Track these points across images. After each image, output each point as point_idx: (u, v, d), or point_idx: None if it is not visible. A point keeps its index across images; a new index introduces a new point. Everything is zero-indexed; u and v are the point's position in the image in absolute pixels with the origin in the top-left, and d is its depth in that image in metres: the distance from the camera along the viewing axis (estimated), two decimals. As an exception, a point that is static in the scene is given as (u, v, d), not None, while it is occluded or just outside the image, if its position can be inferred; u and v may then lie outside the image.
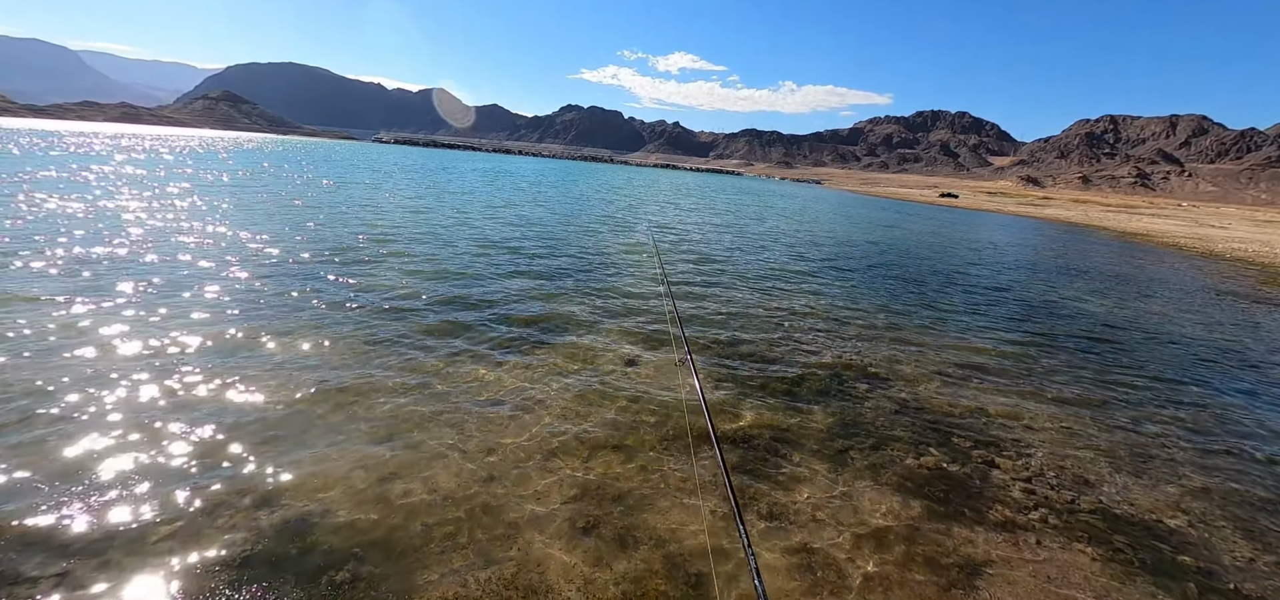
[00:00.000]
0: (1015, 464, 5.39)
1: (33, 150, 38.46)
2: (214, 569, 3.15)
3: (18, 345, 5.80)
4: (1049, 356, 9.05)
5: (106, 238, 11.61)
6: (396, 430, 4.85)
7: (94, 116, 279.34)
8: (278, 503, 3.75)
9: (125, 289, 8.10)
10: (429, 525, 3.68)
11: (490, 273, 11.48)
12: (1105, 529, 4.46)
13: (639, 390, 6.18)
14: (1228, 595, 3.87)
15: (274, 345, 6.49)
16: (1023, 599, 3.62)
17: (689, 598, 3.28)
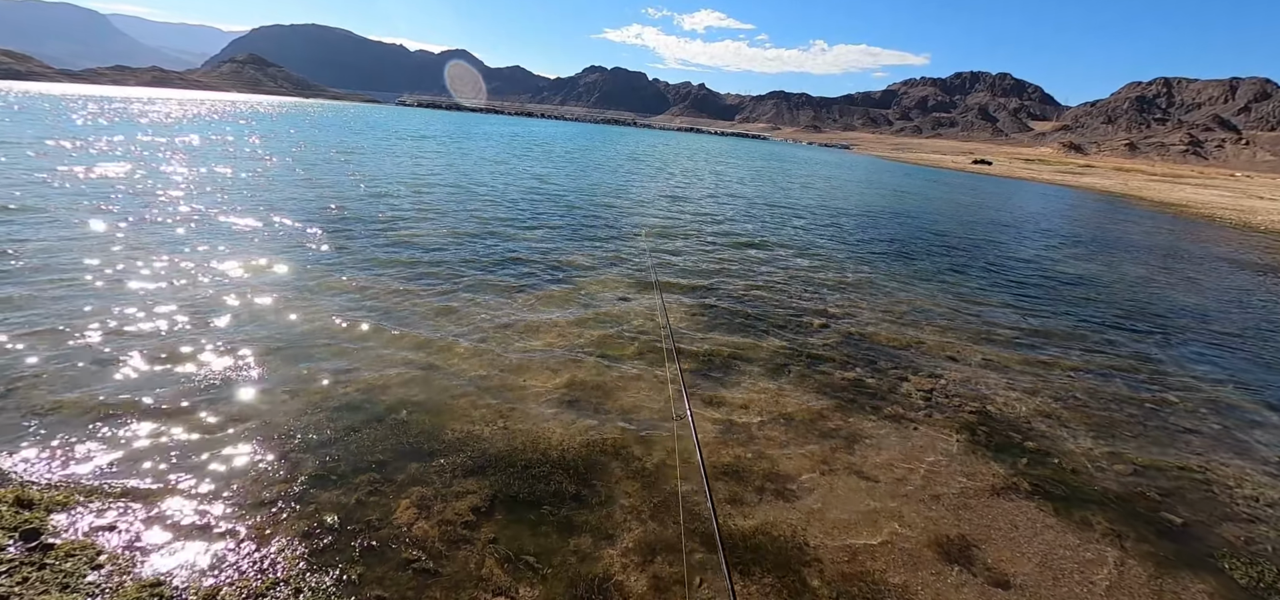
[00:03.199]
0: (925, 381, 6.70)
1: (97, 120, 41.01)
2: (315, 413, 4.71)
3: (158, 286, 7.51)
4: (997, 305, 10.20)
5: (200, 200, 13.42)
6: (431, 340, 6.40)
7: (127, 81, 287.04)
8: (351, 380, 5.32)
9: (236, 239, 9.81)
10: (456, 396, 5.21)
11: (507, 229, 12.98)
12: (975, 424, 5.78)
13: (625, 320, 7.63)
14: (1053, 469, 5.18)
15: (337, 281, 8.09)
16: (885, 459, 5.00)
17: (636, 440, 4.75)
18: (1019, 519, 4.39)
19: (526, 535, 3.53)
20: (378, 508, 3.62)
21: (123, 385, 4.86)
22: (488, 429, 4.72)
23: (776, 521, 3.94)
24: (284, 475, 3.86)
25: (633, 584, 3.26)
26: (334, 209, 13.37)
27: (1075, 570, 3.88)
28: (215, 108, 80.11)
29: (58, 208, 10.94)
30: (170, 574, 3.02)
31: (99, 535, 3.25)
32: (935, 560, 3.83)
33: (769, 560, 3.60)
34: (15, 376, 4.83)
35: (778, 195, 27.03)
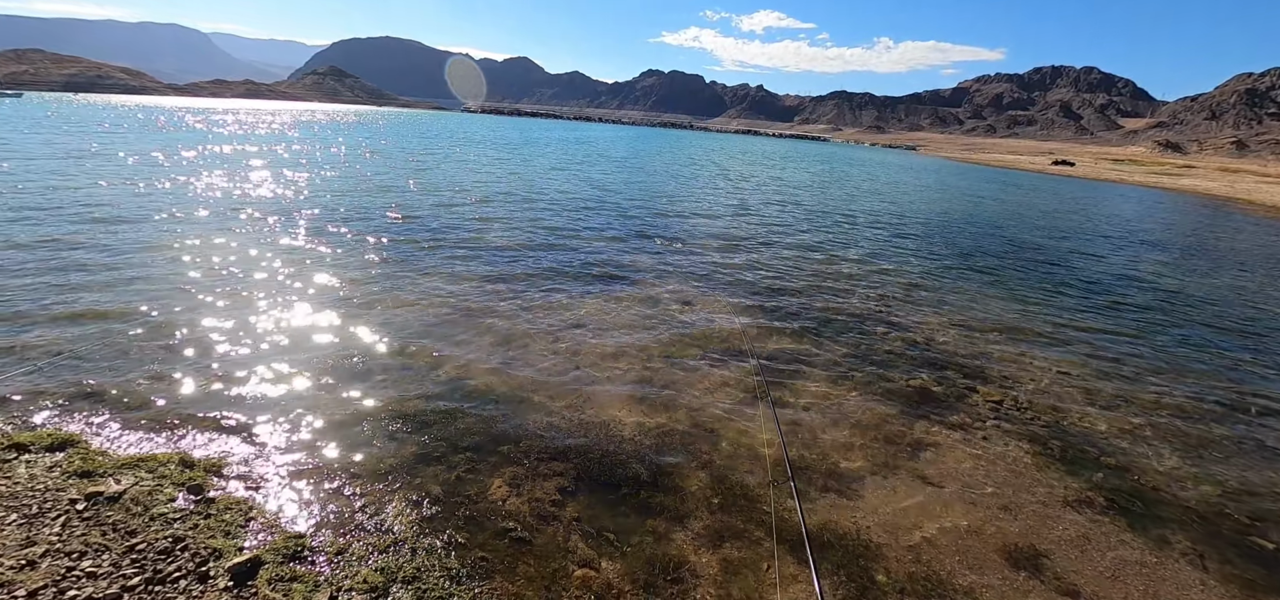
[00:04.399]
0: (995, 392, 6.60)
1: (197, 128, 45.24)
2: (414, 401, 5.25)
3: (274, 289, 8.44)
4: (1078, 317, 9.75)
5: (295, 203, 14.79)
6: (510, 335, 6.89)
7: (224, 93, 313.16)
8: (439, 371, 5.85)
9: (332, 245, 10.84)
10: (533, 386, 5.65)
11: (572, 235, 13.52)
12: (1047, 437, 5.68)
13: (688, 322, 7.89)
14: (1133, 485, 5.04)
15: (424, 281, 8.80)
16: (950, 467, 5.03)
17: (705, 436, 5.01)
18: (1092, 532, 4.34)
19: (606, 515, 3.87)
20: (474, 484, 4.06)
21: (246, 372, 5.58)
22: (565, 419, 5.11)
23: (839, 519, 4.11)
24: (393, 453, 4.38)
25: (705, 565, 3.53)
26: (414, 217, 14.35)
27: (1149, 587, 3.83)
28: (299, 115, 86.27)
29: (174, 211, 12.36)
30: (308, 529, 3.55)
31: (250, 495, 3.83)
32: (1002, 565, 3.88)
33: (836, 554, 3.77)
34: (156, 362, 5.65)
35: (836, 197, 26.51)
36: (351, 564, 3.27)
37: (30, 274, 7.76)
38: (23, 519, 3.46)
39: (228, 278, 8.23)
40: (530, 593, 3.18)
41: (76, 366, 5.38)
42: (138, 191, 14.67)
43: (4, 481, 3.80)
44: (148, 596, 2.97)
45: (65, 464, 4.02)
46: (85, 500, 3.65)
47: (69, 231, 10.12)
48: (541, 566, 3.38)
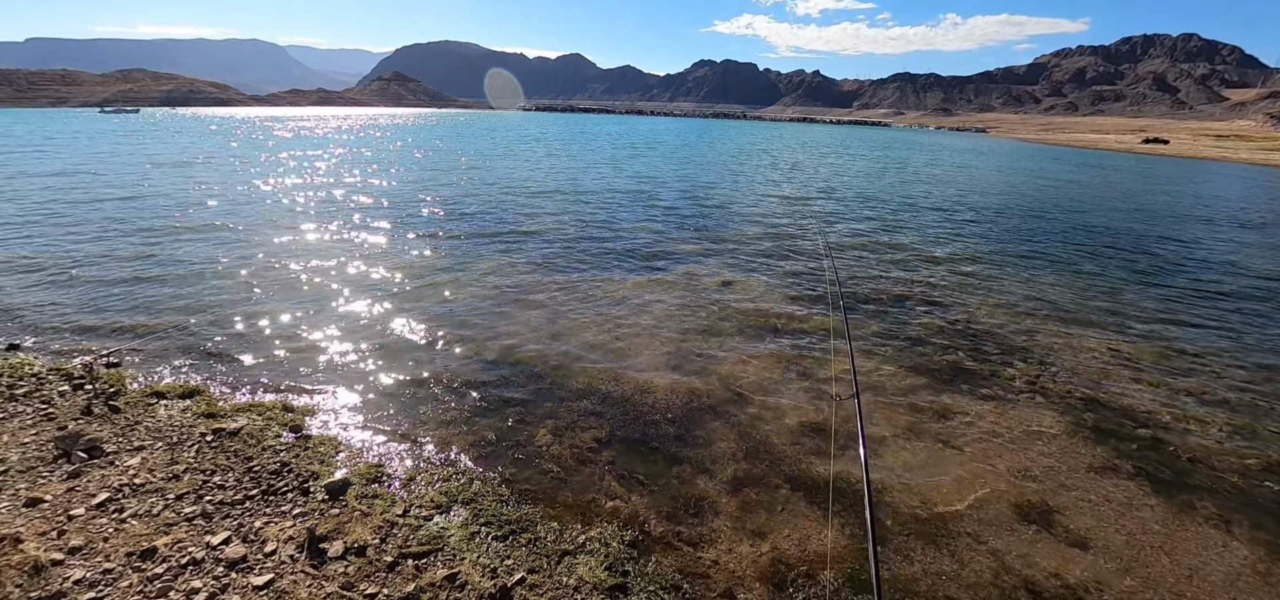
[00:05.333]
0: (1033, 368, 6.60)
1: (301, 135, 49.03)
2: (472, 362, 5.91)
3: (350, 271, 9.45)
4: (1139, 298, 9.38)
5: (366, 200, 16.13)
6: (557, 312, 7.49)
7: (299, 102, 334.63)
8: (494, 340, 6.50)
9: (397, 231, 11.91)
10: (576, 355, 6.20)
11: (620, 224, 14.07)
12: (1082, 409, 5.70)
13: (727, 300, 8.25)
14: (1166, 456, 5.03)
15: (480, 265, 9.57)
16: (974, 433, 5.19)
17: (733, 399, 5.40)
18: (1113, 494, 4.44)
19: (637, 461, 4.35)
20: (523, 432, 4.65)
21: (329, 342, 6.42)
22: (604, 384, 5.62)
23: (855, 472, 4.41)
24: (455, 404, 5.03)
25: (724, 504, 3.95)
26: (470, 210, 15.32)
27: (1164, 545, 3.93)
28: (367, 120, 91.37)
29: (267, 209, 13.78)
30: (385, 461, 4.22)
31: (337, 434, 4.56)
32: (1012, 519, 4.09)
33: (848, 500, 4.09)
34: (255, 334, 6.58)
35: (890, 183, 25.84)
36: (421, 487, 3.91)
37: (156, 263, 9.07)
38: (167, 445, 4.31)
39: (310, 265, 9.30)
40: (568, 516, 3.71)
41: (194, 337, 6.39)
42: (238, 191, 16.43)
43: (150, 419, 4.70)
44: (264, 503, 3.70)
45: (194, 408, 4.89)
46: (212, 433, 4.47)
47: (189, 224, 11.60)
48: (578, 497, 3.90)
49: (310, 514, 3.61)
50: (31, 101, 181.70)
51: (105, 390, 5.16)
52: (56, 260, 9.20)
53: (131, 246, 10.12)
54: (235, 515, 3.60)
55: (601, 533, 3.56)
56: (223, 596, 3.02)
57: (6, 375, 5.43)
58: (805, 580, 3.37)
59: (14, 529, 3.46)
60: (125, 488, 3.84)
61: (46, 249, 9.89)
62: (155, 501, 3.72)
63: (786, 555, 3.53)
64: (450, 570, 3.17)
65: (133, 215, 12.96)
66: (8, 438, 4.42)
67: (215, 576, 3.14)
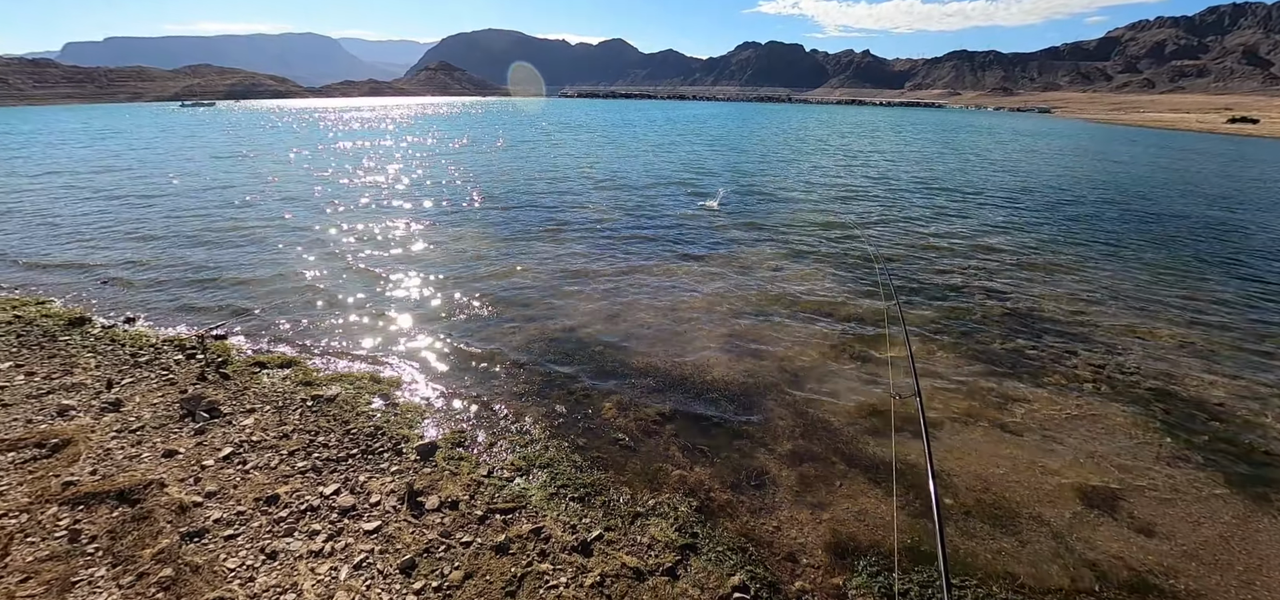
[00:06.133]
0: (1099, 357, 6.47)
1: (338, 127, 51.25)
2: (538, 342, 6.26)
3: (417, 258, 10.03)
4: (1215, 287, 8.94)
5: (424, 188, 16.89)
6: (614, 293, 7.79)
7: (352, 92, 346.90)
8: (556, 321, 6.85)
9: (457, 220, 12.50)
10: (635, 334, 6.47)
11: (668, 211, 14.26)
12: (1151, 399, 5.58)
13: (779, 285, 8.36)
14: (1242, 449, 4.91)
15: (539, 248, 9.98)
16: (1035, 419, 5.18)
17: (790, 380, 5.56)
18: (1181, 483, 4.40)
19: (699, 435, 4.59)
20: (590, 405, 4.96)
21: (406, 320, 6.91)
22: (663, 362, 5.88)
23: (911, 452, 4.52)
24: (525, 379, 5.39)
25: (784, 477, 4.15)
26: (522, 194, 15.82)
27: (1236, 535, 3.89)
28: (417, 110, 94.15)
29: (332, 196, 14.61)
30: (468, 427, 4.61)
31: (423, 402, 4.99)
32: (1075, 502, 4.12)
33: (907, 479, 4.21)
34: (341, 311, 7.13)
35: (946, 167, 24.98)
36: (501, 452, 4.27)
37: (244, 244, 9.87)
38: (275, 408, 4.82)
39: (379, 249, 9.93)
40: (638, 482, 3.99)
41: (284, 314, 6.99)
42: (308, 180, 17.47)
43: (256, 385, 5.24)
44: (365, 460, 4.13)
45: (293, 376, 5.42)
46: (312, 399, 4.97)
47: (267, 211, 12.50)
48: (645, 465, 4.17)
49: (406, 472, 4.01)
50: (111, 97, 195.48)
51: (215, 359, 5.76)
52: (159, 242, 10.15)
53: (223, 232, 11.02)
54: (341, 470, 4.04)
55: (670, 498, 3.82)
56: (339, 538, 3.43)
57: (129, 345, 6.12)
58: (869, 548, 3.54)
59: (158, 475, 3.99)
60: (245, 444, 4.35)
61: (150, 232, 10.89)
62: (271, 456, 4.21)
63: (847, 526, 3.71)
64: (535, 525, 3.50)
65: (223, 202, 14.03)
66: (139, 398, 5.03)
67: (330, 521, 3.57)
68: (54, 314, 6.89)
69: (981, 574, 3.46)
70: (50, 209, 13.21)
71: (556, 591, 3.05)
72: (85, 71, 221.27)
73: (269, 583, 3.13)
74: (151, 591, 3.12)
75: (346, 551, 3.32)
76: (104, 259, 9.26)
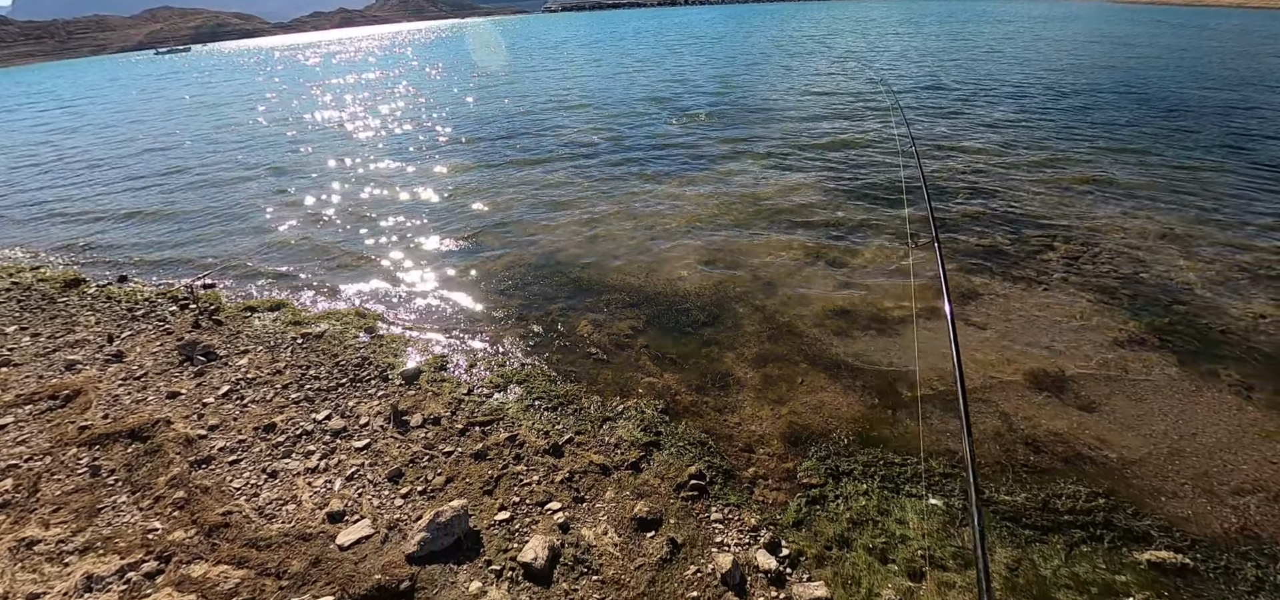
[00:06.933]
0: (1075, 248, 6.67)
1: (310, 65, 49.79)
2: (517, 268, 6.54)
3: (398, 190, 10.16)
4: (1213, 179, 8.99)
5: (401, 120, 16.76)
6: (593, 215, 8.00)
7: (323, 25, 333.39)
8: (535, 246, 7.10)
9: (435, 152, 12.53)
10: (614, 256, 6.74)
11: (653, 128, 14.15)
12: (1118, 288, 5.82)
13: (760, 197, 8.51)
14: (1199, 329, 5.18)
15: (518, 174, 10.10)
16: (998, 312, 5.46)
17: (762, 288, 5.84)
18: (1132, 365, 4.70)
19: (670, 345, 4.93)
20: (566, 323, 5.29)
21: (387, 256, 7.17)
22: (639, 279, 6.16)
23: (872, 350, 4.84)
24: (504, 303, 5.72)
25: (748, 378, 4.50)
26: (502, 120, 15.68)
27: (1173, 408, 4.21)
28: (390, 38, 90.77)
29: (310, 137, 14.57)
30: (448, 353, 4.97)
31: (405, 333, 5.33)
32: (1024, 387, 4.46)
33: (866, 376, 4.55)
34: (323, 253, 7.39)
35: (955, 59, 24.25)
36: (480, 372, 4.64)
37: (227, 194, 10.05)
38: (267, 347, 5.18)
39: (358, 187, 10.07)
40: (608, 392, 4.36)
41: (274, 259, 7.27)
42: (286, 123, 17.33)
43: (248, 328, 5.59)
44: (353, 388, 4.51)
45: (283, 317, 5.76)
46: (301, 337, 5.32)
47: (248, 159, 12.57)
48: (617, 375, 4.53)
49: (391, 395, 4.39)
50: (74, 52, 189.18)
51: (207, 307, 6.09)
52: (145, 198, 10.35)
53: (206, 184, 11.17)
54: (332, 398, 4.42)
55: (637, 403, 4.19)
56: (332, 456, 3.84)
57: (125, 301, 6.46)
58: (821, 436, 3.92)
59: (164, 414, 4.39)
60: (241, 381, 4.73)
61: (136, 190, 11.06)
62: (267, 391, 4.59)
63: (803, 417, 4.08)
64: (511, 433, 3.89)
65: (204, 153, 14.07)
66: (139, 349, 5.40)
67: (324, 442, 3.97)
68: (50, 277, 7.21)
69: (925, 451, 3.84)
70: (37, 171, 13.34)
71: (529, 488, 3.46)
72: (42, 27, 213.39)
73: (271, 497, 3.55)
74: (168, 511, 3.56)
75: (339, 467, 3.73)
76: (91, 220, 9.50)
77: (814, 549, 3.12)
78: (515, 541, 3.13)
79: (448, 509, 3.14)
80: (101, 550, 3.30)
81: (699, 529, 3.21)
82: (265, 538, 3.26)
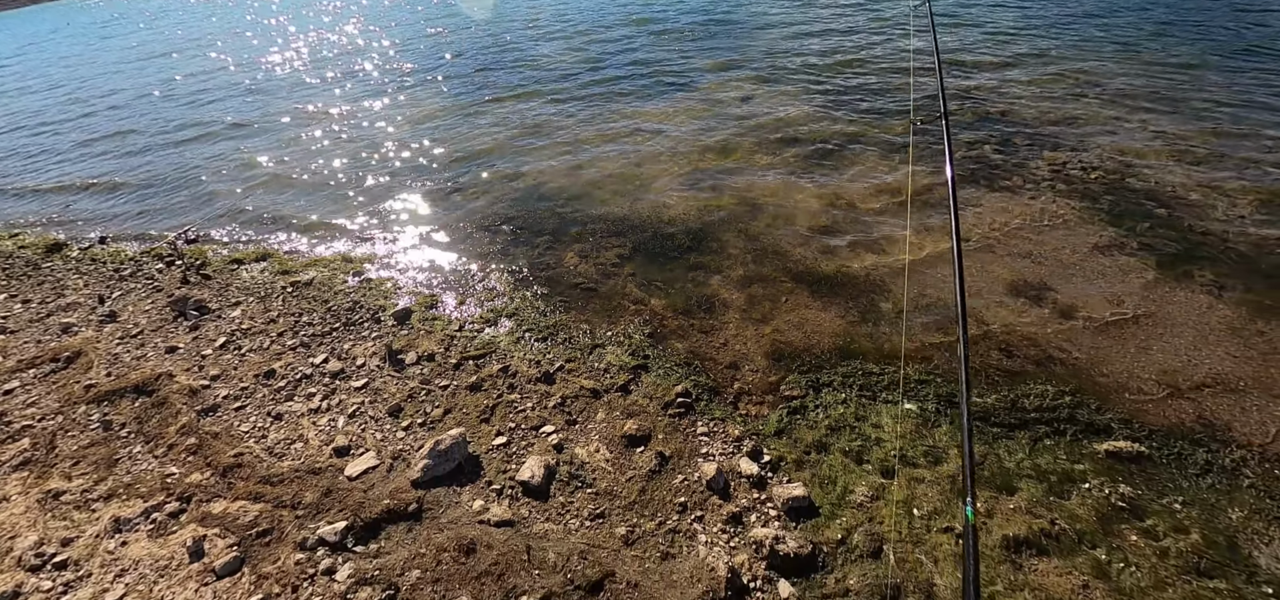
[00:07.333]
0: (1062, 155, 6.75)
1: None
2: (501, 201, 6.62)
3: (369, 126, 10.04)
4: (1206, 76, 8.94)
5: (369, 56, 16.26)
6: (577, 144, 8.01)
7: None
8: (519, 181, 7.15)
9: (408, 84, 12.29)
10: (597, 183, 6.82)
11: (635, 49, 13.81)
12: (1103, 194, 5.94)
13: (747, 115, 8.48)
14: (1179, 234, 5.33)
15: (497, 107, 9.99)
16: (981, 222, 5.61)
17: (748, 210, 5.97)
18: (1109, 270, 4.89)
19: (655, 271, 5.10)
20: (553, 256, 5.44)
21: (369, 198, 7.23)
22: (624, 207, 6.27)
23: (853, 266, 5.02)
24: (490, 239, 5.85)
25: (734, 299, 4.70)
26: (478, 51, 15.25)
27: (1146, 309, 4.42)
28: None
29: (278, 79, 14.20)
30: (438, 292, 5.14)
31: (394, 276, 5.49)
32: (1004, 295, 4.66)
33: (849, 291, 4.75)
34: (304, 200, 7.44)
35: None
36: (470, 308, 4.83)
37: (200, 146, 9.94)
38: (258, 298, 5.34)
39: (335, 128, 9.96)
40: (597, 318, 4.57)
41: (256, 209, 7.33)
42: (250, 67, 16.81)
43: (237, 280, 5.73)
44: (347, 331, 4.71)
45: (270, 267, 5.89)
46: (291, 286, 5.47)
47: (216, 108, 12.33)
48: (605, 303, 4.73)
49: (385, 335, 4.60)
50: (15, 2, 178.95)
51: (193, 262, 6.21)
52: (115, 157, 10.23)
53: (175, 137, 11.00)
54: (327, 342, 4.63)
55: (625, 329, 4.41)
56: (333, 396, 4.08)
57: (110, 261, 6.56)
58: (804, 351, 4.16)
59: (165, 369, 4.60)
60: (237, 332, 4.92)
61: (103, 149, 10.91)
62: (263, 339, 4.78)
63: (786, 335, 4.30)
64: (503, 365, 4.12)
65: (168, 106, 13.75)
66: (132, 307, 5.55)
67: (323, 384, 4.20)
68: (30, 244, 7.26)
69: (905, 357, 4.08)
70: None
71: (523, 414, 3.72)
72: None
73: (279, 437, 3.81)
74: (182, 456, 3.81)
75: (341, 406, 3.97)
76: (62, 182, 9.43)
77: (793, 454, 3.41)
78: (513, 463, 3.40)
79: (447, 437, 3.40)
80: (124, 496, 3.57)
81: (686, 442, 3.49)
82: (277, 474, 3.53)
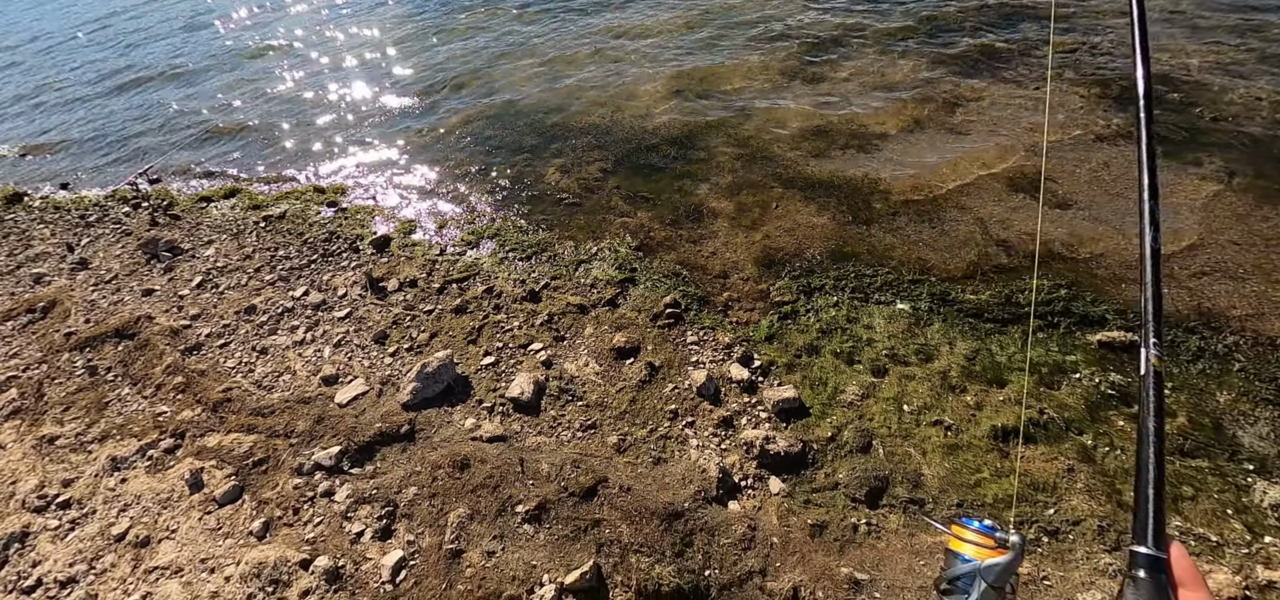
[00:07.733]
0: (1073, 40, 6.49)
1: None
2: (479, 120, 6.43)
3: (337, 53, 9.61)
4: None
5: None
6: (555, 55, 7.72)
7: None
8: (494, 97, 6.93)
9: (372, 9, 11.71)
10: (577, 94, 6.62)
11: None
12: (1112, 79, 5.74)
13: (732, 10, 8.12)
14: (1189, 119, 5.19)
15: (465, 19, 9.56)
16: (985, 117, 5.46)
17: (736, 114, 5.81)
18: (1114, 160, 4.79)
19: (641, 182, 5.02)
20: (533, 173, 5.34)
21: (339, 125, 7.02)
22: (606, 118, 6.10)
23: (850, 167, 4.93)
24: (468, 160, 5.73)
25: (722, 207, 4.64)
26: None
27: (1147, 191, 4.38)
28: None
29: (226, 13, 13.54)
30: (416, 216, 5.08)
31: (370, 202, 5.40)
32: (1002, 190, 4.60)
33: (838, 192, 4.68)
34: (271, 133, 7.22)
35: None
36: (451, 231, 4.78)
37: (154, 86, 9.57)
38: (231, 235, 5.28)
39: (298, 53, 9.56)
40: (582, 235, 4.53)
41: (220, 145, 7.13)
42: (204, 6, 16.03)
43: (207, 219, 5.64)
44: (325, 261, 4.68)
45: (241, 203, 5.79)
46: (264, 220, 5.39)
47: (168, 47, 11.78)
48: (590, 219, 4.68)
49: (364, 264, 4.57)
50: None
51: (160, 203, 6.09)
52: (68, 105, 9.86)
53: (129, 79, 10.57)
54: (307, 274, 4.60)
55: (611, 243, 4.38)
56: (317, 328, 4.09)
57: (74, 208, 6.43)
58: (794, 256, 4.15)
59: (144, 311, 4.59)
60: (213, 270, 4.89)
61: (54, 96, 10.50)
62: (240, 276, 4.76)
63: (776, 240, 4.28)
64: (488, 286, 4.11)
65: (117, 50, 13.13)
66: (102, 253, 5.49)
67: (306, 317, 4.21)
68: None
69: (895, 262, 4.07)
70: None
71: (510, 333, 3.74)
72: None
73: (266, 371, 3.85)
74: (172, 395, 3.87)
75: (325, 336, 3.99)
76: (13, 132, 9.14)
77: (784, 358, 3.46)
78: (503, 380, 3.45)
79: (433, 360, 3.43)
80: (118, 436, 3.64)
81: (675, 352, 3.53)
82: (268, 406, 3.59)
